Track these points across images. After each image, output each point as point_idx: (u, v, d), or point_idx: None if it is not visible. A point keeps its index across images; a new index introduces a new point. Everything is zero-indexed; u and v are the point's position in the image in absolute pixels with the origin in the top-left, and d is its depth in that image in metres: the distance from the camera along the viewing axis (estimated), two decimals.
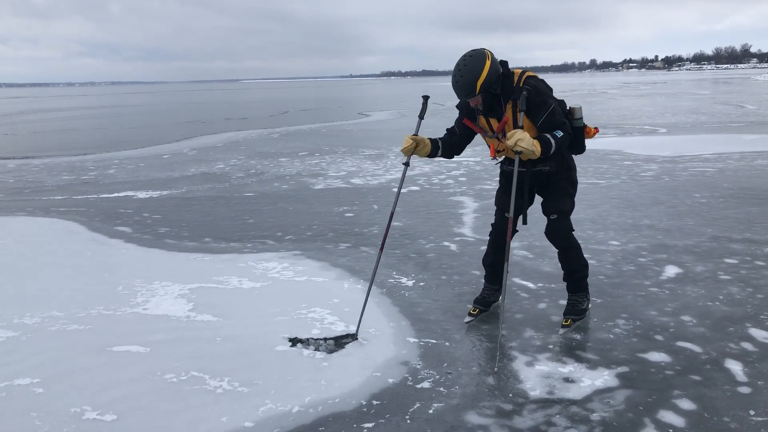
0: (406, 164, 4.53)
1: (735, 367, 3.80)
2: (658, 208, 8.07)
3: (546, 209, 4.42)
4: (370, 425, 3.29)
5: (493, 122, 4.21)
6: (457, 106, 4.41)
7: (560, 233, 4.41)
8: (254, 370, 3.90)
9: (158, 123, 28.80)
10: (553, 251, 6.16)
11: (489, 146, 4.40)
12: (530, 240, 6.71)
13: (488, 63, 3.96)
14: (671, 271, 5.57)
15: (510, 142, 3.86)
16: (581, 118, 4.32)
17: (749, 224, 7.11)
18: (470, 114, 4.34)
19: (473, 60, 3.97)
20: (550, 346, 4.17)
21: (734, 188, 9.19)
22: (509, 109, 4.10)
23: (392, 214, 4.59)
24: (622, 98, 38.39)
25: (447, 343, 4.25)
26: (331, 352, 4.17)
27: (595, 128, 4.48)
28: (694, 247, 6.26)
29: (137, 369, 3.95)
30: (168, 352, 4.19)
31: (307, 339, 4.33)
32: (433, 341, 4.28)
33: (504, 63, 4.12)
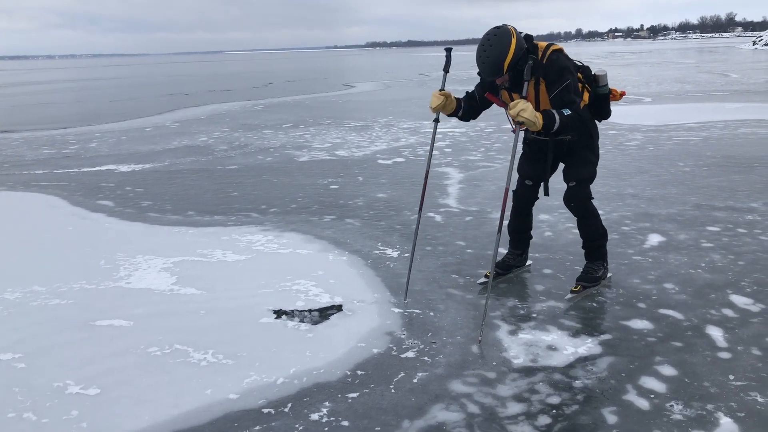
0: (437, 120, 4.49)
1: (715, 333, 3.85)
2: (642, 177, 8.10)
3: (565, 176, 4.46)
4: (354, 395, 3.30)
5: (516, 97, 4.17)
6: (479, 74, 4.35)
7: (578, 201, 4.44)
8: (238, 342, 3.90)
9: (140, 96, 28.41)
10: (538, 221, 6.19)
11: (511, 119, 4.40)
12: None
13: (514, 41, 3.91)
14: (654, 239, 5.60)
15: (512, 112, 3.83)
16: (606, 84, 4.31)
17: (732, 192, 7.16)
18: (492, 87, 4.31)
19: (498, 39, 3.91)
20: (534, 315, 4.19)
21: (717, 157, 9.23)
22: (531, 87, 4.08)
23: (427, 173, 4.67)
24: (608, 68, 38.09)
25: (431, 313, 4.26)
26: (315, 323, 4.17)
27: (622, 91, 4.47)
28: (677, 216, 6.30)
29: (120, 343, 3.93)
30: (151, 325, 4.17)
31: (292, 311, 4.33)
32: (418, 311, 4.29)
33: (528, 38, 4.08)
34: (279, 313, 4.30)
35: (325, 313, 4.29)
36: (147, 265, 5.33)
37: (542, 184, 4.55)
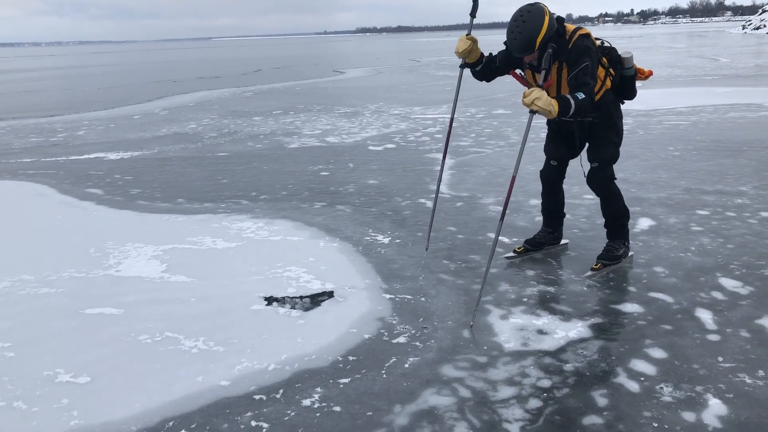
0: (462, 66, 4.51)
1: (705, 315, 3.87)
2: (633, 161, 8.11)
3: (588, 157, 4.50)
4: (346, 380, 3.30)
5: (538, 77, 4.19)
6: (506, 44, 4.32)
7: (600, 182, 4.49)
8: (229, 329, 3.89)
9: (128, 83, 28.17)
10: (528, 206, 6.20)
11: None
12: (505, 196, 6.71)
13: (547, 19, 3.92)
14: (644, 223, 5.62)
15: (526, 101, 3.82)
16: (632, 67, 4.30)
17: (721, 176, 7.18)
18: (518, 64, 4.35)
19: (532, 16, 3.91)
20: (525, 300, 4.21)
21: (707, 141, 9.26)
22: (554, 71, 4.10)
23: (452, 120, 4.87)
24: None
25: (423, 299, 4.26)
26: (307, 309, 4.16)
27: (649, 70, 4.47)
28: (667, 200, 6.32)
29: (111, 331, 3.91)
30: (142, 313, 4.16)
31: (283, 297, 4.32)
32: (409, 297, 4.30)
33: (560, 19, 4.09)
34: (270, 300, 4.29)
35: (316, 300, 4.29)
36: (137, 253, 5.30)
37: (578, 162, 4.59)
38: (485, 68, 4.49)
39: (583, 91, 3.93)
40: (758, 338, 3.58)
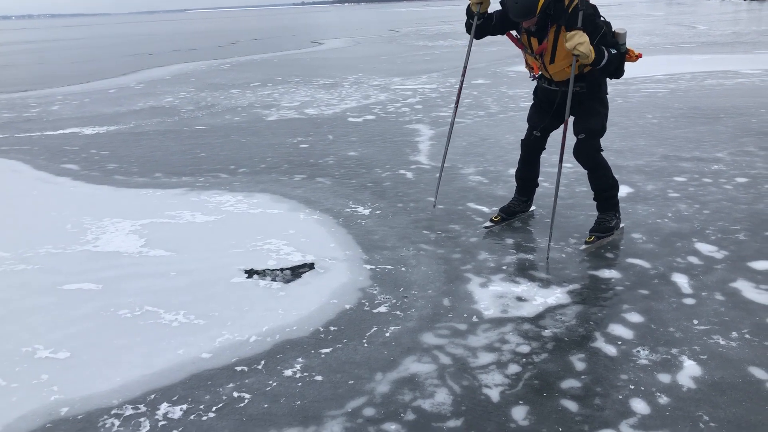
0: (479, 16, 4.51)
1: (681, 280, 3.93)
2: (611, 129, 8.07)
3: (575, 129, 4.47)
4: (327, 350, 3.32)
5: (534, 41, 4.25)
6: (502, 4, 4.35)
7: (587, 153, 4.48)
8: (210, 302, 3.88)
9: (103, 56, 27.62)
10: (508, 175, 6.21)
11: (530, 64, 4.46)
12: (485, 165, 6.73)
13: None
14: (623, 190, 5.64)
15: (569, 44, 3.89)
16: (625, 43, 4.25)
17: (698, 143, 7.24)
18: (514, 26, 4.37)
19: None
20: (504, 267, 4.24)
21: (684, 108, 9.32)
22: (552, 34, 4.13)
23: (461, 83, 4.95)
24: None
25: (403, 269, 4.28)
26: (288, 282, 4.16)
27: (639, 53, 4.35)
28: (645, 167, 6.37)
29: (90, 306, 3.89)
30: (121, 288, 4.13)
31: (264, 270, 4.31)
32: (389, 267, 4.31)
33: None
34: (250, 273, 4.28)
35: (297, 272, 4.28)
36: (115, 228, 5.25)
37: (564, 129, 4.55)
38: (484, 23, 4.51)
39: (616, 48, 4.07)
40: (732, 301, 3.64)
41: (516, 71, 14.44)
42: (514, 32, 4.43)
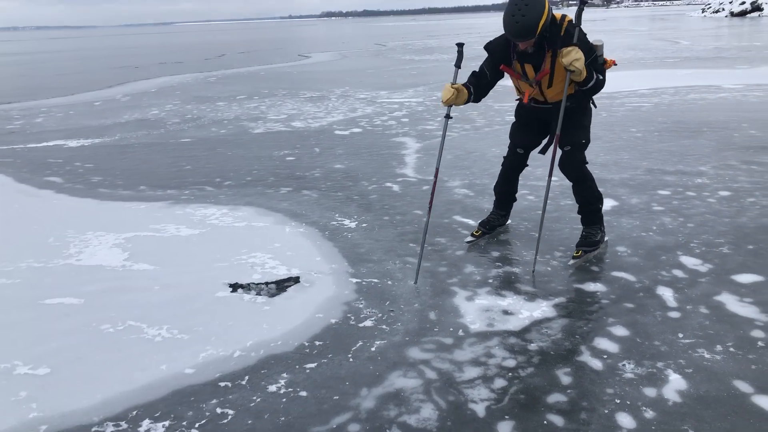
0: (448, 117, 4.43)
1: (666, 293, 3.94)
2: (596, 143, 8.18)
3: (560, 142, 4.43)
4: (312, 365, 3.29)
5: (528, 68, 4.19)
6: (487, 49, 4.32)
7: (572, 165, 4.47)
8: (194, 317, 3.84)
9: (88, 69, 27.49)
10: (491, 190, 6.22)
11: (522, 91, 4.39)
12: (471, 179, 6.75)
13: (547, 6, 3.93)
14: (607, 204, 5.68)
15: (566, 60, 3.87)
16: (602, 54, 4.28)
17: (682, 156, 7.31)
18: (505, 59, 4.28)
19: (534, 1, 3.88)
20: (490, 281, 4.23)
21: (668, 122, 9.40)
22: (548, 59, 4.10)
23: (437, 170, 4.51)
24: None
25: (389, 282, 4.26)
26: (272, 296, 4.13)
27: (612, 59, 4.45)
28: (629, 180, 6.41)
29: (71, 321, 3.83)
30: (103, 302, 4.08)
31: (248, 284, 4.28)
32: (375, 281, 4.29)
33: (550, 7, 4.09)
34: (235, 287, 4.25)
35: (282, 286, 4.25)
36: (98, 241, 5.20)
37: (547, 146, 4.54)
38: (478, 87, 4.38)
39: (603, 75, 4.15)
40: (716, 314, 3.66)
41: (500, 85, 14.49)
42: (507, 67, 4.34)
